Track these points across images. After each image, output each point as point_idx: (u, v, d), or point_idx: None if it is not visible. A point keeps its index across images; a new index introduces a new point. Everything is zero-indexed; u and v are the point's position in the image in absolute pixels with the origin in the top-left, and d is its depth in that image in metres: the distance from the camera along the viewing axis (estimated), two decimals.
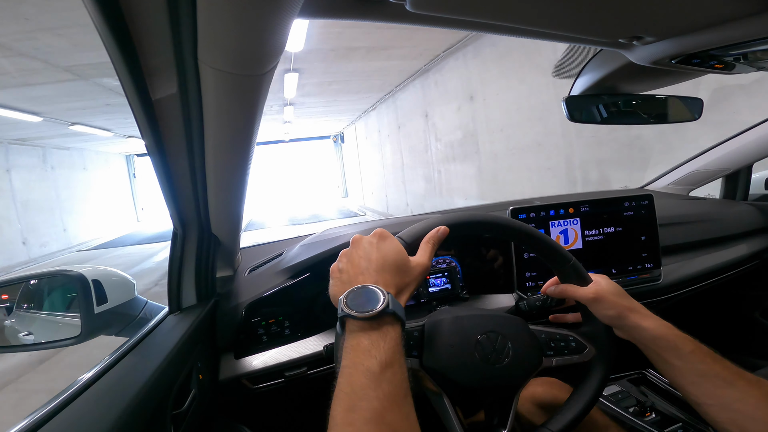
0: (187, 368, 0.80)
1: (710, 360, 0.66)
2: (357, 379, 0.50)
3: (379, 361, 0.51)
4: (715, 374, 0.65)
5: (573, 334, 0.78)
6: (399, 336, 0.56)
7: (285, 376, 1.02)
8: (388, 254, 0.63)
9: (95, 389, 0.63)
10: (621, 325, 0.73)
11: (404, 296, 0.62)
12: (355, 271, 0.62)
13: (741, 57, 0.66)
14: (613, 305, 0.73)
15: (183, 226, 0.86)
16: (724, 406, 0.63)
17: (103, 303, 0.90)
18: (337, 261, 0.66)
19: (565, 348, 0.76)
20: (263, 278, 1.13)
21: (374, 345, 0.53)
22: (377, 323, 0.55)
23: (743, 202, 1.74)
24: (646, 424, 1.04)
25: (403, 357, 0.56)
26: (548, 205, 1.21)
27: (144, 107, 0.54)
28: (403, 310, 0.59)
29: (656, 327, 0.71)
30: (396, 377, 0.52)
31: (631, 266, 1.29)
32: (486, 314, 0.75)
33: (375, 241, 0.64)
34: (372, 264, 0.62)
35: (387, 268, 0.62)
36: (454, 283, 1.16)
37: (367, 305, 0.56)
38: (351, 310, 0.56)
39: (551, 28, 0.59)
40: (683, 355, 0.68)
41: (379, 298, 0.56)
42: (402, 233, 0.70)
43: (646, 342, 0.71)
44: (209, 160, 0.70)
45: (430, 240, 0.68)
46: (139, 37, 0.45)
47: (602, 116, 1.03)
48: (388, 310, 0.55)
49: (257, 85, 0.55)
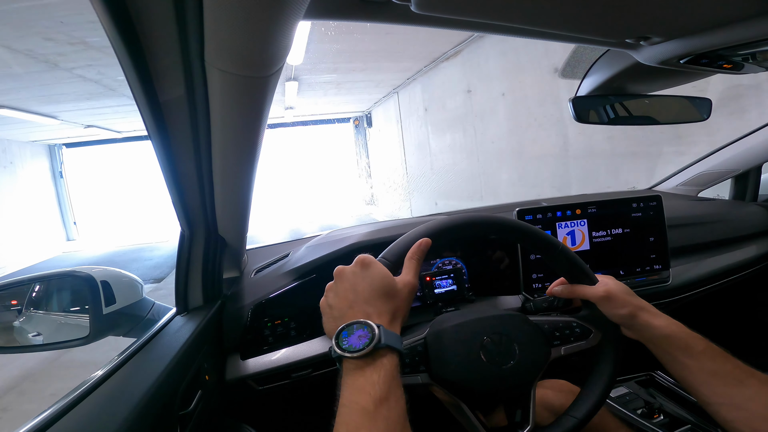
0: (193, 369, 0.80)
1: (722, 359, 0.66)
2: (352, 419, 0.50)
3: (373, 398, 0.51)
4: (726, 373, 0.64)
5: (575, 320, 0.78)
6: (395, 367, 0.56)
7: (291, 377, 1.02)
8: (373, 282, 0.61)
9: (104, 389, 0.64)
10: (632, 324, 0.73)
11: (398, 320, 0.62)
12: (344, 306, 0.61)
13: (750, 57, 0.65)
14: (625, 303, 0.73)
15: (190, 228, 0.86)
16: (736, 405, 0.62)
17: (111, 304, 0.91)
18: (324, 296, 0.65)
19: (571, 335, 0.76)
20: (269, 279, 1.14)
21: (368, 381, 0.53)
22: (371, 358, 0.55)
23: (753, 203, 1.72)
24: (654, 425, 1.03)
25: (401, 388, 0.55)
26: (555, 207, 1.21)
27: (151, 109, 0.54)
28: (398, 338, 0.58)
29: (667, 325, 0.70)
30: (392, 412, 0.51)
31: (639, 267, 1.28)
32: (485, 316, 0.74)
33: (358, 271, 0.63)
34: (359, 295, 0.61)
35: (375, 297, 0.61)
36: (460, 285, 1.16)
37: (359, 343, 0.55)
38: (343, 351, 0.55)
39: (558, 29, 0.59)
40: (695, 353, 0.67)
41: (370, 333, 0.56)
42: (384, 253, 0.68)
43: (657, 341, 0.70)
44: (216, 161, 0.71)
45: (412, 256, 0.67)
46: (147, 39, 0.46)
47: (609, 117, 1.02)
48: (381, 345, 0.55)
49: (263, 86, 0.56)
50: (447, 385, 0.68)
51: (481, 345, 0.70)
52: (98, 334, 0.87)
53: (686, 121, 1.13)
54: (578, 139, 4.12)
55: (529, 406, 0.71)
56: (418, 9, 0.48)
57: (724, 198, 1.81)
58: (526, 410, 0.71)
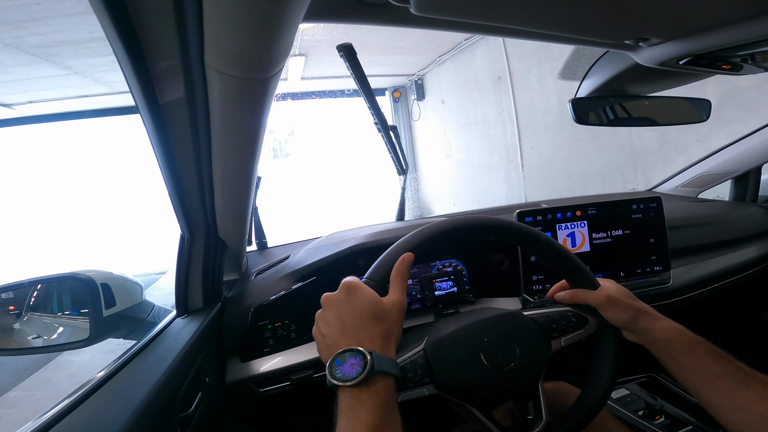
0: (194, 371, 0.80)
1: (725, 362, 0.66)
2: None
3: (367, 426, 0.51)
4: (729, 375, 0.64)
5: (570, 309, 0.77)
6: (390, 392, 0.56)
7: (291, 380, 1.02)
8: (361, 307, 0.61)
9: (104, 391, 0.64)
10: (634, 328, 0.73)
11: (391, 342, 0.62)
12: (335, 334, 0.61)
13: (749, 57, 0.65)
14: (627, 307, 0.73)
15: (190, 230, 0.86)
16: (739, 407, 0.62)
17: (111, 306, 0.91)
18: (315, 325, 0.65)
19: (568, 326, 0.75)
20: (270, 282, 1.14)
21: (363, 409, 0.53)
22: (365, 385, 0.55)
23: (753, 204, 1.72)
24: (655, 427, 1.03)
25: (396, 412, 0.55)
26: (555, 208, 1.21)
27: (152, 111, 0.55)
28: (392, 361, 0.58)
29: (669, 328, 0.70)
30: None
31: (639, 269, 1.28)
32: (480, 319, 0.74)
33: (345, 297, 0.62)
34: (348, 323, 0.60)
35: (365, 322, 0.60)
36: (460, 286, 1.16)
37: (351, 372, 0.55)
38: (336, 380, 0.55)
39: (558, 30, 0.59)
40: (697, 356, 0.67)
41: (362, 360, 0.56)
42: (369, 273, 0.68)
43: (659, 344, 0.70)
44: (216, 164, 0.71)
45: (397, 273, 0.66)
46: (147, 41, 0.46)
47: (609, 118, 1.02)
48: (373, 372, 0.55)
49: (263, 88, 0.56)
50: (453, 393, 0.68)
51: (482, 348, 0.70)
52: (98, 337, 0.87)
53: (685, 122, 1.13)
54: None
55: (540, 402, 0.71)
56: (418, 11, 0.48)
57: (724, 199, 1.81)
58: (537, 406, 0.71)
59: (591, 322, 0.76)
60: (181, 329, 0.88)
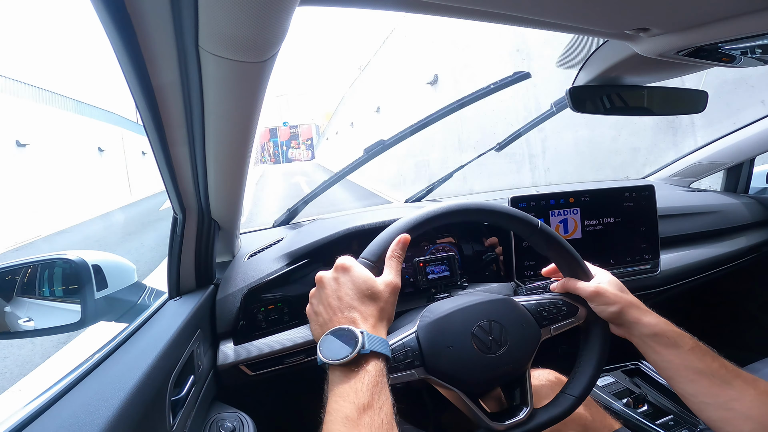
0: (186, 354, 0.80)
1: (709, 358, 0.67)
2: (336, 428, 0.51)
3: (357, 406, 0.51)
4: (712, 372, 0.65)
5: (561, 298, 0.78)
6: (380, 372, 0.56)
7: (284, 363, 1.03)
8: (355, 285, 0.61)
9: (97, 375, 0.64)
10: (621, 321, 0.73)
11: (384, 322, 0.62)
12: (328, 312, 0.61)
13: (747, 51, 0.65)
14: (615, 299, 0.73)
15: (183, 211, 0.86)
16: (721, 405, 0.63)
17: (103, 288, 0.90)
18: (309, 304, 0.65)
19: (558, 314, 0.76)
20: (263, 263, 1.14)
21: (352, 388, 0.53)
22: (356, 365, 0.55)
23: (744, 195, 1.74)
24: (638, 415, 1.05)
25: (386, 392, 0.55)
26: (548, 194, 1.21)
27: (144, 93, 0.54)
28: (383, 341, 0.59)
29: (657, 323, 0.71)
30: (376, 419, 0.51)
31: (629, 257, 1.30)
32: (472, 305, 0.74)
33: (339, 276, 0.63)
34: (342, 301, 0.61)
35: (358, 301, 0.61)
36: (453, 271, 1.16)
37: (342, 351, 0.55)
38: (327, 358, 0.56)
39: (559, 19, 0.59)
40: (682, 352, 0.68)
41: (353, 339, 0.56)
42: (365, 253, 0.68)
43: (645, 338, 0.71)
44: (210, 146, 0.70)
45: (393, 254, 0.67)
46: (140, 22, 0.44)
47: (606, 107, 1.02)
48: (364, 351, 0.55)
49: (258, 72, 0.55)
50: (443, 377, 0.68)
51: (472, 334, 0.70)
52: (90, 319, 0.87)
53: (682, 113, 1.14)
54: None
55: (526, 389, 0.72)
56: None
57: (716, 189, 1.82)
58: (523, 393, 0.72)
59: (580, 312, 0.77)
60: (174, 312, 0.88)
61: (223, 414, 0.92)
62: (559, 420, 0.72)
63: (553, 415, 0.72)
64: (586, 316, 0.77)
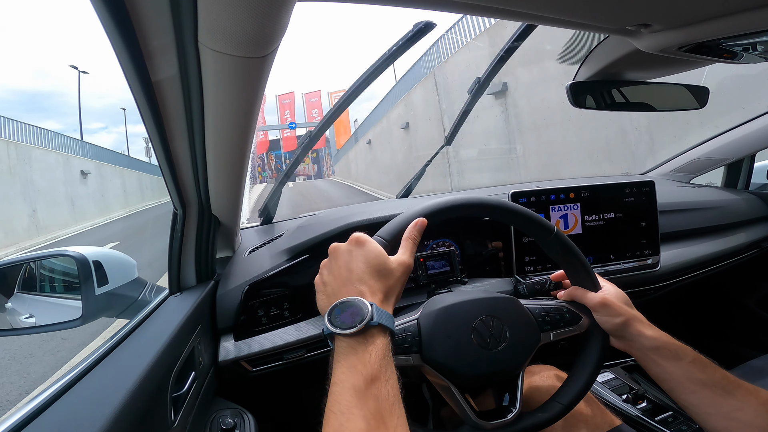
0: (187, 350, 0.81)
1: (711, 369, 0.67)
2: (344, 398, 0.50)
3: (364, 377, 0.51)
4: (714, 383, 0.66)
5: (566, 305, 0.79)
6: (386, 346, 0.56)
7: (284, 359, 1.03)
8: (368, 260, 0.61)
9: (98, 371, 0.64)
10: (623, 334, 0.74)
11: (391, 299, 0.62)
12: (338, 283, 0.61)
13: (750, 47, 0.65)
14: (621, 312, 0.73)
15: (183, 207, 0.86)
16: (724, 414, 0.64)
17: (104, 284, 0.90)
18: (319, 274, 0.65)
19: (561, 321, 0.77)
20: (263, 259, 1.14)
21: (360, 359, 0.53)
22: (363, 337, 0.55)
23: (744, 191, 1.74)
24: (638, 411, 1.05)
25: (393, 366, 0.55)
26: (549, 190, 1.21)
27: (144, 89, 0.53)
28: (390, 317, 0.59)
29: (658, 336, 0.71)
30: (383, 391, 0.51)
31: (629, 252, 1.30)
32: (477, 299, 0.75)
33: (353, 249, 0.63)
34: (353, 273, 0.61)
35: (369, 275, 0.61)
36: (453, 267, 1.16)
37: (351, 320, 0.55)
38: (335, 327, 0.56)
39: (559, 14, 0.58)
40: (684, 364, 0.68)
41: (362, 310, 0.56)
42: (381, 231, 0.68)
43: (647, 351, 0.71)
44: (209, 141, 0.70)
45: (409, 236, 0.67)
46: (139, 18, 0.44)
47: (606, 102, 1.02)
48: (373, 323, 0.55)
49: (258, 67, 0.55)
50: (437, 366, 0.69)
51: (473, 327, 0.71)
52: (91, 316, 0.87)
53: (683, 109, 1.13)
54: None
55: (517, 390, 0.72)
56: None
57: (717, 185, 1.82)
58: (514, 394, 0.72)
59: (583, 321, 0.77)
60: (174, 308, 0.88)
61: (224, 410, 0.92)
62: (546, 426, 0.73)
63: (540, 420, 0.72)
64: (588, 326, 0.77)
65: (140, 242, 10.34)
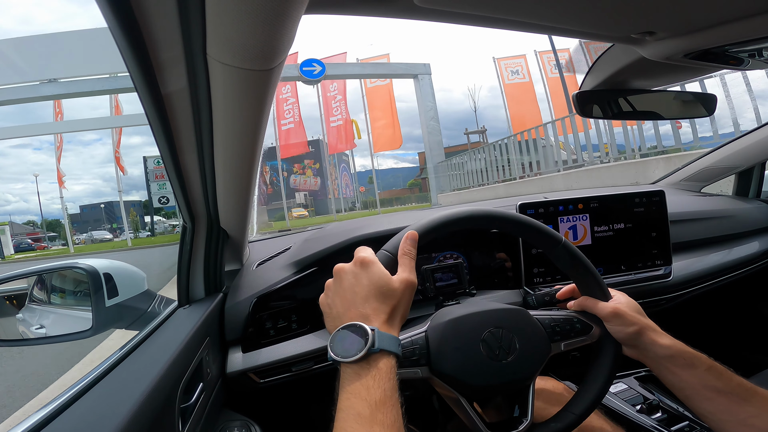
0: (195, 362, 0.81)
1: (726, 377, 0.67)
2: (348, 424, 0.50)
3: (369, 403, 0.51)
4: (730, 390, 0.65)
5: (576, 315, 0.78)
6: (390, 370, 0.56)
7: (292, 371, 1.03)
8: (371, 281, 0.61)
9: (107, 382, 0.64)
10: (636, 343, 0.73)
11: (396, 319, 0.62)
12: (342, 306, 0.61)
13: (755, 53, 0.65)
14: (634, 321, 0.73)
15: (192, 220, 0.86)
16: (740, 421, 0.63)
17: (114, 296, 0.91)
18: (324, 294, 0.65)
19: (571, 331, 0.76)
20: (271, 272, 1.14)
21: (364, 385, 0.53)
22: (366, 362, 0.55)
23: (756, 200, 1.72)
24: (652, 422, 1.03)
25: (397, 391, 0.55)
26: (557, 201, 1.20)
27: (154, 101, 0.54)
28: (394, 339, 0.59)
29: (672, 344, 0.71)
30: (388, 417, 0.51)
31: (641, 263, 1.28)
32: (486, 310, 0.74)
33: (357, 271, 0.63)
34: (357, 296, 0.61)
35: (373, 297, 0.61)
36: (461, 279, 1.16)
37: (352, 348, 0.55)
38: (337, 355, 0.56)
39: (564, 24, 0.59)
40: (699, 372, 0.68)
41: (364, 336, 0.56)
42: (387, 245, 0.68)
43: (661, 360, 0.71)
44: (218, 154, 0.71)
45: (404, 252, 0.66)
46: (149, 32, 0.45)
47: (613, 111, 1.01)
48: (374, 350, 0.55)
49: (265, 80, 0.55)
50: (446, 379, 0.68)
51: (482, 339, 0.70)
52: (101, 327, 0.88)
53: (690, 117, 1.13)
54: None
55: (528, 401, 0.71)
56: (422, 3, 0.48)
57: (728, 194, 1.80)
58: (524, 405, 0.71)
59: (594, 331, 0.76)
60: (183, 320, 0.89)
61: (232, 421, 0.92)
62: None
63: (553, 430, 0.71)
64: (599, 336, 0.76)
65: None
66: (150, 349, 0.77)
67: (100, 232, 44.85)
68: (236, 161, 0.74)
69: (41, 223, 49.27)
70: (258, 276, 1.14)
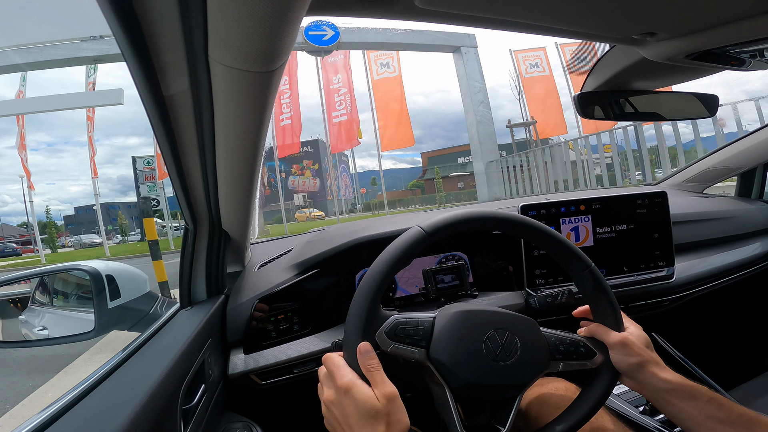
0: (197, 363, 0.81)
1: (728, 407, 0.67)
2: None
3: None
4: (733, 421, 0.65)
5: (584, 340, 0.77)
6: None
7: (294, 372, 1.03)
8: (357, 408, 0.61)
9: (109, 384, 0.65)
10: (636, 375, 0.73)
11: (397, 428, 0.62)
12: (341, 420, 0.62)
13: (757, 53, 0.65)
14: (638, 352, 0.72)
15: (194, 222, 0.87)
16: None
17: (116, 298, 0.91)
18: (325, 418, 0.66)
19: (575, 353, 0.75)
20: (273, 274, 1.14)
21: None
22: None
23: (759, 201, 1.71)
24: (656, 423, 1.03)
25: None
26: (559, 202, 1.20)
27: (156, 103, 0.55)
28: None
29: (672, 379, 0.70)
30: None
31: (643, 264, 1.28)
32: (497, 311, 0.74)
33: (342, 399, 0.63)
34: (353, 427, 0.61)
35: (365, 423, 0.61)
36: (462, 280, 1.16)
37: None
38: None
39: (565, 25, 0.59)
40: (701, 403, 0.67)
41: None
42: (344, 346, 0.69)
43: (662, 393, 0.70)
44: (220, 156, 0.71)
45: (367, 369, 0.64)
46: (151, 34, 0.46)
47: (615, 112, 1.01)
48: None
49: (267, 81, 0.56)
50: (440, 366, 0.67)
51: (486, 336, 0.70)
52: (103, 329, 0.88)
53: (692, 117, 1.13)
54: None
55: (511, 412, 0.70)
56: (423, 4, 0.48)
57: (730, 195, 1.80)
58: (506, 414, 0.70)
59: (597, 357, 0.76)
60: (185, 321, 0.89)
61: (234, 423, 0.92)
62: None
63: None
64: (600, 363, 0.76)
65: None
66: (152, 350, 0.77)
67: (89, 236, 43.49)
68: (238, 163, 0.75)
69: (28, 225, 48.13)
70: (260, 278, 1.14)
